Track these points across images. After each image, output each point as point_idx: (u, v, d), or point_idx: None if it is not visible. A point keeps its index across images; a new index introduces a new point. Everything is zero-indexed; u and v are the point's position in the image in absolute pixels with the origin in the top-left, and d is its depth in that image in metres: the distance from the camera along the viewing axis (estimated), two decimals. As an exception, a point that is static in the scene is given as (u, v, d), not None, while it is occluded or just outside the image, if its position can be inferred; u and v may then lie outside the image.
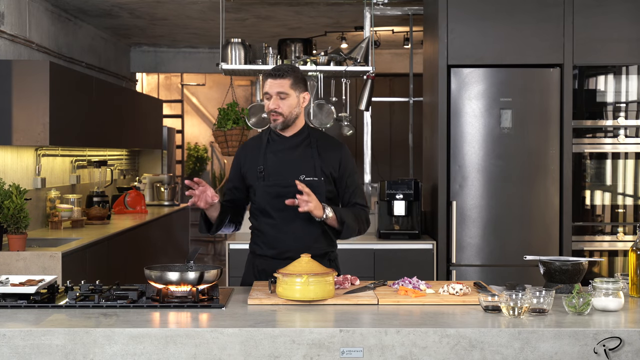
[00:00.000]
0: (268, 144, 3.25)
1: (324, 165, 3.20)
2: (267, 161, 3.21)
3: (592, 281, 2.71)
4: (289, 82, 3.14)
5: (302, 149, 3.22)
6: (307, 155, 3.21)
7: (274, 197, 3.16)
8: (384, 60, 8.86)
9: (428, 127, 5.37)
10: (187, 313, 2.61)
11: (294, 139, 3.24)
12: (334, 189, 3.23)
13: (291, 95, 3.15)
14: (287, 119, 3.17)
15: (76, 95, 5.59)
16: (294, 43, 5.61)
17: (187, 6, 6.48)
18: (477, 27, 4.85)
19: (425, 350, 2.37)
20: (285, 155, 3.22)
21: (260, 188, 3.19)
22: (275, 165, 3.20)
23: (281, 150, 3.23)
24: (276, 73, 3.14)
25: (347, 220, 3.14)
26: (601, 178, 4.93)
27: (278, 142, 3.24)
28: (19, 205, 4.37)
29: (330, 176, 3.21)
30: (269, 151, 3.23)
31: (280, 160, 3.21)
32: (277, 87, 3.14)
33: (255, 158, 3.24)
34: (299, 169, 3.18)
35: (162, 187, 7.86)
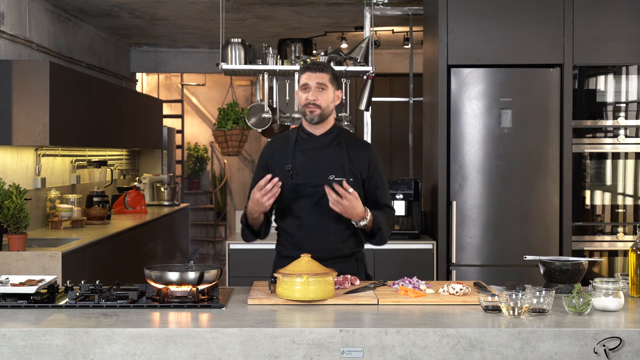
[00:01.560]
0: (297, 143, 3.20)
1: (353, 165, 3.17)
2: (295, 160, 3.16)
3: (592, 281, 2.72)
4: (328, 76, 3.14)
5: (332, 148, 3.19)
6: (337, 154, 3.17)
7: (302, 197, 3.12)
8: (384, 60, 8.86)
9: (428, 127, 5.37)
10: (187, 313, 2.61)
11: (324, 138, 3.20)
12: (362, 190, 3.19)
13: (329, 89, 3.14)
14: (324, 112, 3.15)
15: (76, 95, 5.59)
16: (294, 43, 5.61)
17: (187, 6, 6.48)
18: (477, 27, 4.85)
19: (425, 350, 2.37)
20: (315, 154, 3.17)
21: (287, 187, 3.14)
22: (304, 164, 3.16)
23: (310, 149, 3.18)
24: (315, 67, 3.15)
25: (383, 226, 3.12)
26: (601, 178, 4.93)
27: (307, 140, 3.20)
28: (19, 205, 4.37)
29: (360, 177, 3.18)
30: (297, 150, 3.18)
31: (309, 159, 3.17)
32: (317, 79, 3.12)
33: (283, 156, 3.19)
34: (329, 168, 3.15)
35: (162, 187, 7.86)
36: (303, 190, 3.12)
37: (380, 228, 3.12)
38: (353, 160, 3.18)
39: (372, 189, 3.21)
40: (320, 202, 3.10)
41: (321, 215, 3.10)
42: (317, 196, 3.10)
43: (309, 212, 3.13)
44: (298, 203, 3.13)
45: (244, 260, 4.93)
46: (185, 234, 8.24)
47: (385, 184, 3.26)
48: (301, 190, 3.13)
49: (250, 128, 5.49)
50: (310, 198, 3.12)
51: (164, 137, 8.88)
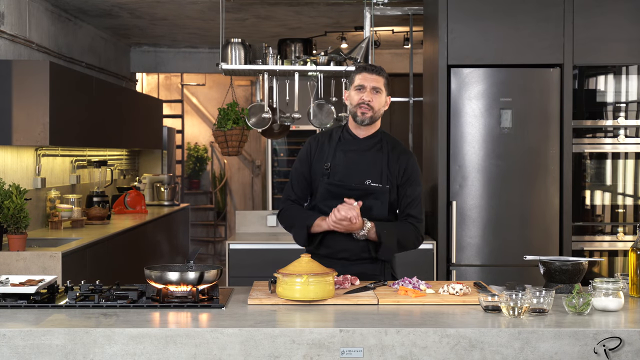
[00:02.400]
0: (339, 142, 3.19)
1: (390, 172, 3.15)
2: (335, 159, 3.15)
3: (592, 281, 2.71)
4: (383, 80, 3.14)
5: (373, 152, 3.17)
6: (377, 160, 3.16)
7: (335, 197, 3.10)
8: (384, 60, 8.86)
9: (428, 127, 5.37)
10: (187, 313, 2.61)
11: (366, 141, 3.18)
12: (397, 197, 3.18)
13: (383, 93, 3.14)
14: (375, 115, 3.13)
15: (76, 95, 5.59)
16: (294, 43, 5.61)
17: (187, 6, 6.48)
18: (477, 27, 4.85)
19: (425, 350, 2.37)
20: (355, 156, 3.16)
21: (322, 185, 3.14)
22: (343, 165, 3.14)
23: (352, 150, 3.17)
24: (372, 68, 3.14)
25: (385, 240, 3.08)
26: (601, 178, 4.93)
27: (350, 141, 3.19)
28: (19, 205, 4.37)
29: (395, 183, 3.16)
30: (339, 149, 3.17)
31: (349, 160, 3.15)
32: (373, 81, 3.12)
33: (323, 153, 3.18)
34: (367, 172, 3.13)
35: (162, 187, 7.86)
36: (338, 190, 3.11)
37: (381, 242, 3.09)
38: (391, 166, 3.16)
39: (401, 196, 3.18)
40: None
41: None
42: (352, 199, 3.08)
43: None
44: (331, 202, 3.10)
45: (244, 260, 4.93)
46: (185, 234, 8.24)
47: (417, 193, 3.19)
48: (336, 190, 3.12)
49: (250, 128, 5.49)
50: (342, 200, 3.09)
51: (164, 137, 8.88)
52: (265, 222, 5.61)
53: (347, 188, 3.11)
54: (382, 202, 3.13)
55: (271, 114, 5.35)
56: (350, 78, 3.21)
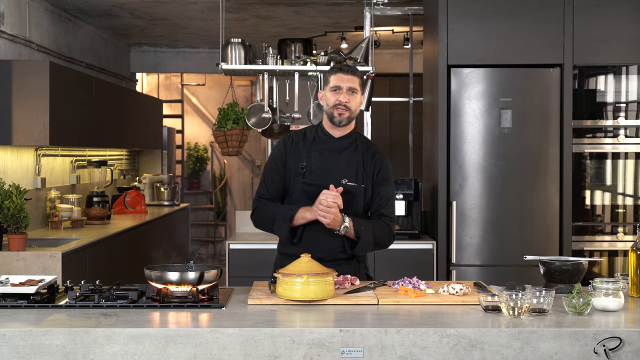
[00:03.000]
0: (314, 142, 3.19)
1: (365, 172, 3.16)
2: (310, 158, 3.15)
3: (592, 281, 2.71)
4: (358, 80, 3.14)
5: (349, 152, 3.17)
6: (352, 159, 3.16)
7: (311, 197, 3.09)
8: (384, 60, 8.86)
9: (428, 127, 5.37)
10: (187, 313, 2.61)
11: (342, 141, 3.18)
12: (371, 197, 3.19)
13: (359, 93, 3.14)
14: (352, 115, 3.14)
15: (76, 95, 5.59)
16: (294, 43, 5.61)
17: (187, 6, 6.48)
18: (477, 27, 4.85)
19: (425, 350, 2.37)
20: (331, 155, 3.16)
21: (298, 185, 3.14)
22: (319, 165, 3.14)
23: (327, 150, 3.17)
24: (348, 69, 3.13)
25: (363, 235, 3.09)
26: (601, 178, 4.93)
27: (325, 141, 3.19)
28: (19, 205, 4.37)
29: (370, 183, 3.17)
30: (314, 149, 3.17)
31: (324, 160, 3.15)
32: (349, 82, 3.11)
33: (298, 152, 3.17)
34: (342, 172, 3.14)
35: (162, 187, 7.86)
36: (313, 190, 3.10)
37: (359, 236, 3.09)
38: (366, 166, 3.17)
39: (374, 195, 3.19)
40: None
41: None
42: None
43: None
44: (307, 202, 3.11)
45: (244, 260, 4.93)
46: (185, 234, 8.24)
47: (390, 193, 3.21)
48: (311, 190, 3.11)
49: (250, 128, 5.49)
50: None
51: (164, 137, 8.88)
52: (265, 222, 5.59)
53: (323, 187, 3.10)
54: (358, 201, 3.14)
55: (271, 114, 5.35)
56: (325, 78, 3.19)
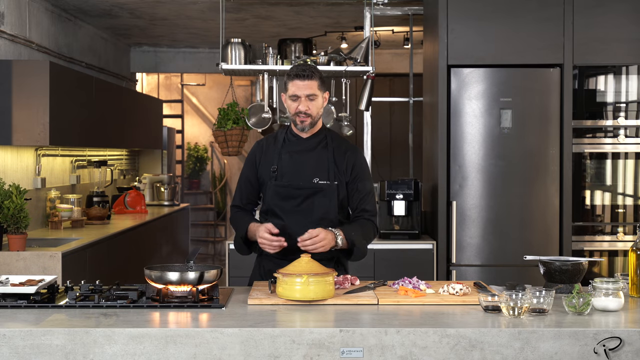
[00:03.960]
0: (284, 144, 3.19)
1: (337, 168, 3.16)
2: (281, 161, 3.16)
3: (592, 281, 2.72)
4: (316, 83, 3.10)
5: (319, 151, 3.18)
6: (323, 157, 3.17)
7: (284, 198, 3.12)
8: (384, 60, 8.86)
9: (428, 127, 5.37)
10: (187, 313, 2.61)
11: (311, 140, 3.19)
12: (346, 193, 3.19)
13: (319, 96, 3.11)
14: (315, 119, 3.14)
15: (76, 95, 5.59)
16: (294, 43, 5.61)
17: (187, 6, 6.48)
18: (477, 27, 4.85)
19: (425, 350, 2.37)
20: (301, 156, 3.17)
21: (271, 188, 3.15)
22: (289, 166, 3.16)
23: (297, 151, 3.18)
24: (304, 74, 3.07)
25: (357, 242, 3.09)
26: (601, 178, 4.93)
27: (295, 142, 3.19)
28: (19, 205, 4.37)
29: (343, 180, 3.17)
30: (284, 151, 3.18)
31: (295, 161, 3.16)
32: (307, 89, 3.08)
33: (269, 157, 3.19)
34: (313, 171, 3.14)
35: (162, 187, 7.86)
36: (287, 192, 3.13)
37: (354, 244, 3.10)
38: (338, 163, 3.17)
39: (353, 191, 3.19)
40: (303, 204, 3.12)
41: (304, 217, 3.09)
42: (300, 198, 3.11)
43: (292, 213, 3.12)
44: (282, 204, 3.13)
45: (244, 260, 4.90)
46: (185, 234, 8.24)
47: (368, 188, 3.21)
48: (285, 192, 3.13)
49: (250, 128, 5.49)
50: (293, 200, 3.12)
51: (164, 137, 8.88)
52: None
53: (295, 187, 3.12)
54: (331, 199, 3.14)
55: (271, 114, 5.35)
56: (285, 85, 3.15)
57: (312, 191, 3.13)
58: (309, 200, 3.10)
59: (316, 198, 3.12)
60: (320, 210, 3.12)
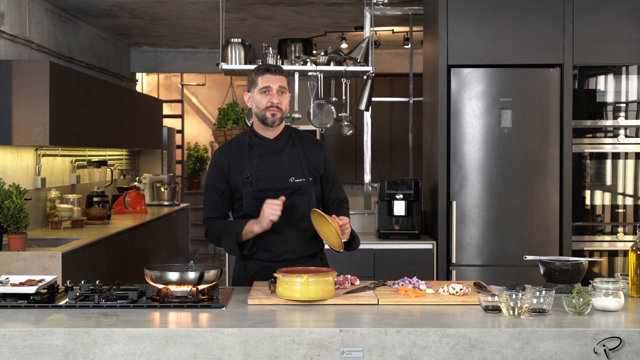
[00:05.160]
0: (251, 148, 3.17)
1: (310, 165, 3.17)
2: (253, 166, 3.13)
3: (592, 281, 2.72)
4: (286, 79, 3.16)
5: (288, 150, 3.18)
6: (294, 156, 3.17)
7: (264, 202, 3.06)
8: (384, 60, 8.86)
9: (428, 127, 5.37)
10: (187, 313, 2.61)
11: (277, 141, 3.18)
12: (319, 188, 3.22)
13: (287, 92, 3.16)
14: (283, 115, 3.15)
15: (76, 95, 5.59)
16: (294, 43, 5.61)
17: (187, 6, 6.48)
18: (477, 27, 4.85)
19: (425, 350, 2.37)
20: (272, 158, 3.15)
21: (248, 194, 3.11)
22: (263, 170, 3.13)
23: (267, 153, 3.16)
24: (275, 69, 3.13)
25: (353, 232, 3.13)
26: (601, 178, 4.93)
27: (262, 145, 3.17)
28: (19, 205, 4.37)
29: (317, 175, 3.19)
30: (253, 156, 3.15)
31: (267, 164, 3.14)
32: (279, 82, 3.12)
33: (238, 163, 3.14)
34: (288, 171, 3.14)
35: (162, 187, 7.86)
36: (265, 195, 3.09)
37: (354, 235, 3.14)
38: (309, 159, 3.19)
39: (329, 186, 3.24)
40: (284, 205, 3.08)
41: (285, 217, 3.06)
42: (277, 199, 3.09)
43: None
44: (260, 208, 3.07)
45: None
46: (185, 234, 8.24)
47: (339, 179, 3.30)
48: (263, 195, 3.09)
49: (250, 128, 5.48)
50: None
51: (164, 137, 8.88)
52: (265, 222, 5.60)
53: (273, 190, 3.10)
54: (309, 196, 3.15)
55: (271, 114, 5.34)
56: (252, 79, 3.16)
57: (290, 191, 3.12)
58: (288, 201, 3.09)
59: (295, 197, 3.12)
60: (302, 208, 3.12)
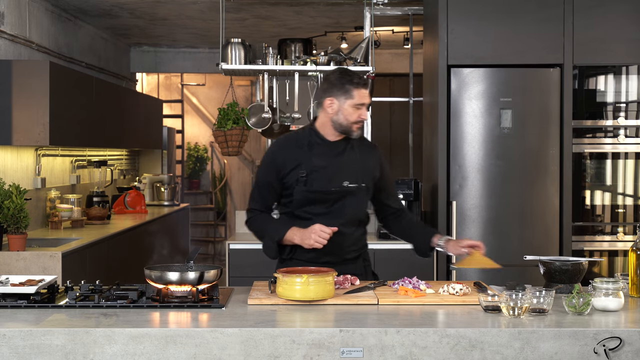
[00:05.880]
0: (310, 148, 3.13)
1: (365, 169, 3.16)
2: (310, 165, 3.10)
3: (592, 281, 2.71)
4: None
5: (346, 154, 3.15)
6: (351, 160, 3.14)
7: (313, 203, 3.09)
8: (384, 60, 8.86)
9: (428, 127, 5.37)
10: (187, 313, 2.61)
11: (339, 144, 3.15)
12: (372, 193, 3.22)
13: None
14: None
15: (76, 95, 5.59)
16: (294, 43, 5.61)
17: (187, 6, 6.48)
18: (477, 27, 4.85)
19: (425, 350, 2.37)
20: (330, 160, 3.12)
21: (299, 193, 3.09)
22: (319, 170, 3.10)
23: (326, 155, 3.12)
24: (365, 83, 3.11)
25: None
26: (601, 178, 4.93)
27: (322, 145, 3.14)
28: (19, 205, 4.37)
29: (372, 181, 3.18)
30: (313, 155, 3.11)
31: (324, 165, 3.11)
32: (368, 97, 3.12)
33: (296, 160, 3.11)
34: (343, 175, 3.12)
35: (162, 187, 7.86)
36: (317, 197, 3.09)
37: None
38: (365, 164, 3.17)
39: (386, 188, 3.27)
40: (333, 206, 3.10)
41: (333, 220, 3.07)
42: (330, 202, 3.10)
43: (322, 216, 3.09)
44: (310, 208, 3.10)
45: (244, 260, 4.93)
46: (185, 234, 8.23)
47: (394, 184, 3.36)
48: (315, 197, 3.09)
49: (250, 128, 5.49)
50: (324, 204, 3.10)
51: (164, 137, 8.88)
52: (265, 222, 5.60)
53: (326, 193, 3.09)
54: (361, 201, 3.16)
55: (271, 114, 5.35)
56: (345, 89, 3.07)
57: (342, 194, 3.11)
58: (339, 203, 3.10)
59: (346, 200, 3.11)
60: (351, 212, 3.13)
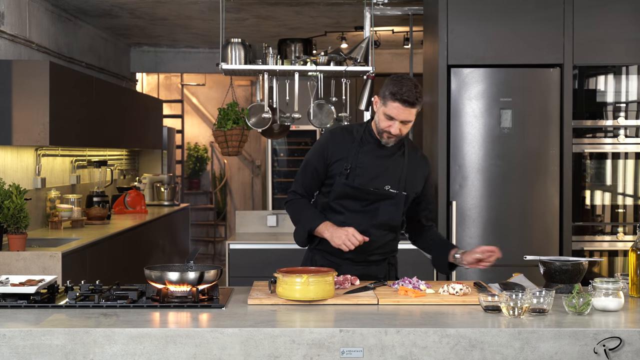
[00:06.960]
0: (361, 143, 3.10)
1: (410, 179, 3.13)
2: (356, 161, 3.08)
3: (592, 281, 2.72)
4: (415, 111, 2.98)
5: (395, 158, 3.12)
6: (398, 165, 3.11)
7: (350, 198, 3.08)
8: (384, 60, 8.87)
9: (428, 127, 5.37)
10: (187, 313, 2.61)
11: (390, 147, 3.10)
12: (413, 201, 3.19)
13: (413, 120, 3.01)
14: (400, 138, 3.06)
15: (76, 95, 5.59)
16: (294, 43, 5.60)
17: (187, 6, 6.48)
18: (477, 27, 4.85)
19: (425, 350, 2.37)
20: (377, 160, 3.09)
21: (340, 185, 3.08)
22: (364, 168, 3.08)
23: (375, 153, 3.10)
24: (409, 101, 2.93)
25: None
26: (601, 178, 4.93)
27: (373, 144, 3.10)
28: (19, 205, 4.37)
29: (413, 192, 3.15)
30: (361, 151, 3.09)
31: (371, 164, 3.09)
32: (407, 115, 2.95)
33: (344, 152, 3.09)
34: (386, 178, 3.09)
35: (162, 187, 7.86)
36: (355, 193, 3.08)
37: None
38: (412, 173, 3.14)
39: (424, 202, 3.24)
40: (369, 206, 3.09)
41: (366, 219, 3.08)
42: (368, 201, 3.09)
43: (355, 213, 3.09)
44: (346, 202, 3.09)
45: (244, 260, 4.93)
46: (185, 234, 8.24)
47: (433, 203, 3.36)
48: (353, 192, 3.08)
49: (250, 128, 5.48)
50: (360, 201, 3.09)
51: (164, 137, 8.88)
52: (265, 222, 5.61)
53: (365, 192, 3.08)
54: (397, 208, 3.12)
55: (271, 114, 5.35)
56: (385, 97, 2.98)
57: (380, 197, 3.09)
58: (375, 204, 3.08)
59: (383, 204, 3.10)
60: (385, 216, 3.11)
